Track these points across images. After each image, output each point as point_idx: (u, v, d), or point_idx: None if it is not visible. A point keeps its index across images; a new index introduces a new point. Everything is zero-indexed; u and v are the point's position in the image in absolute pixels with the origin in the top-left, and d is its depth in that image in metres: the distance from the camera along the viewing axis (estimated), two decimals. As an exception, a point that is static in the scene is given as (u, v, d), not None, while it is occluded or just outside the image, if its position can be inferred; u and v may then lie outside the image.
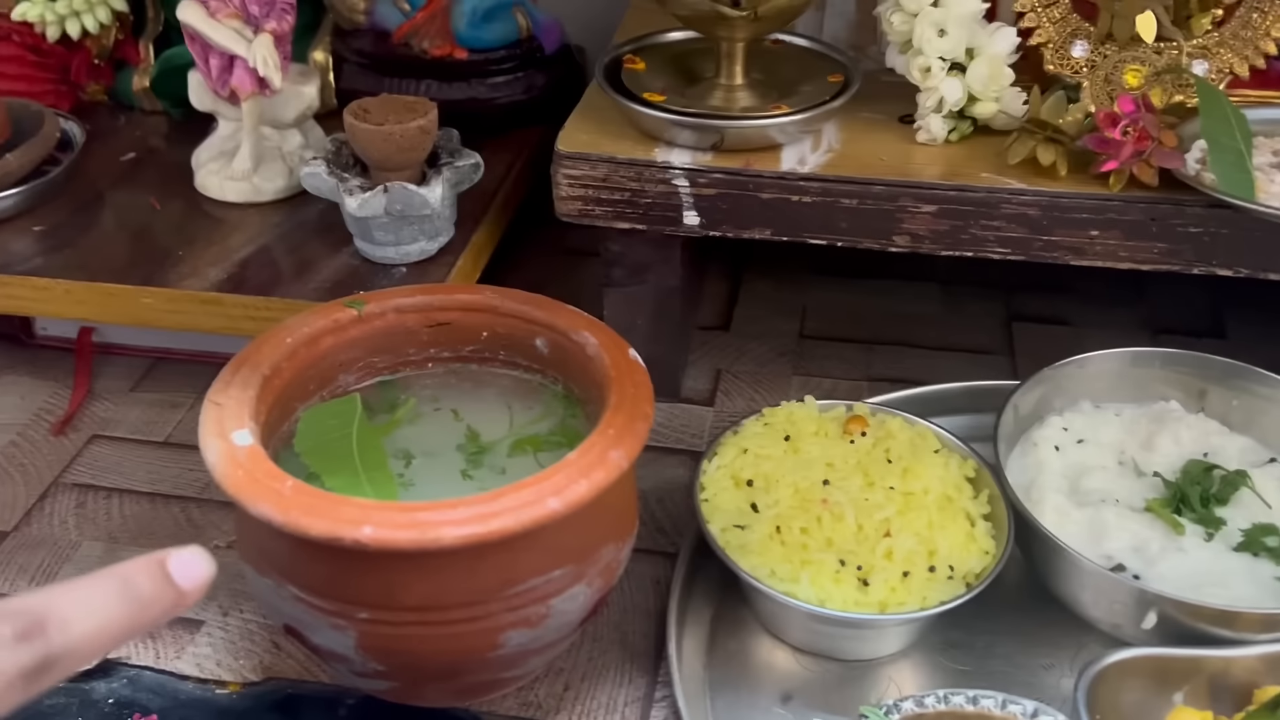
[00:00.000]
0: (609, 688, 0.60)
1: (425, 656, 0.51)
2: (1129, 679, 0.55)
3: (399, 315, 0.62)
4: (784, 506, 0.60)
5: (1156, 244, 0.62)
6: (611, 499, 0.53)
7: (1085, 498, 0.63)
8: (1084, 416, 0.68)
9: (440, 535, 0.47)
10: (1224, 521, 0.61)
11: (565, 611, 0.53)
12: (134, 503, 0.71)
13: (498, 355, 0.63)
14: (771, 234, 0.66)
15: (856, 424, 0.65)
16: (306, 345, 0.59)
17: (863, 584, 0.57)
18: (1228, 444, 0.66)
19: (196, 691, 0.60)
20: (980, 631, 0.61)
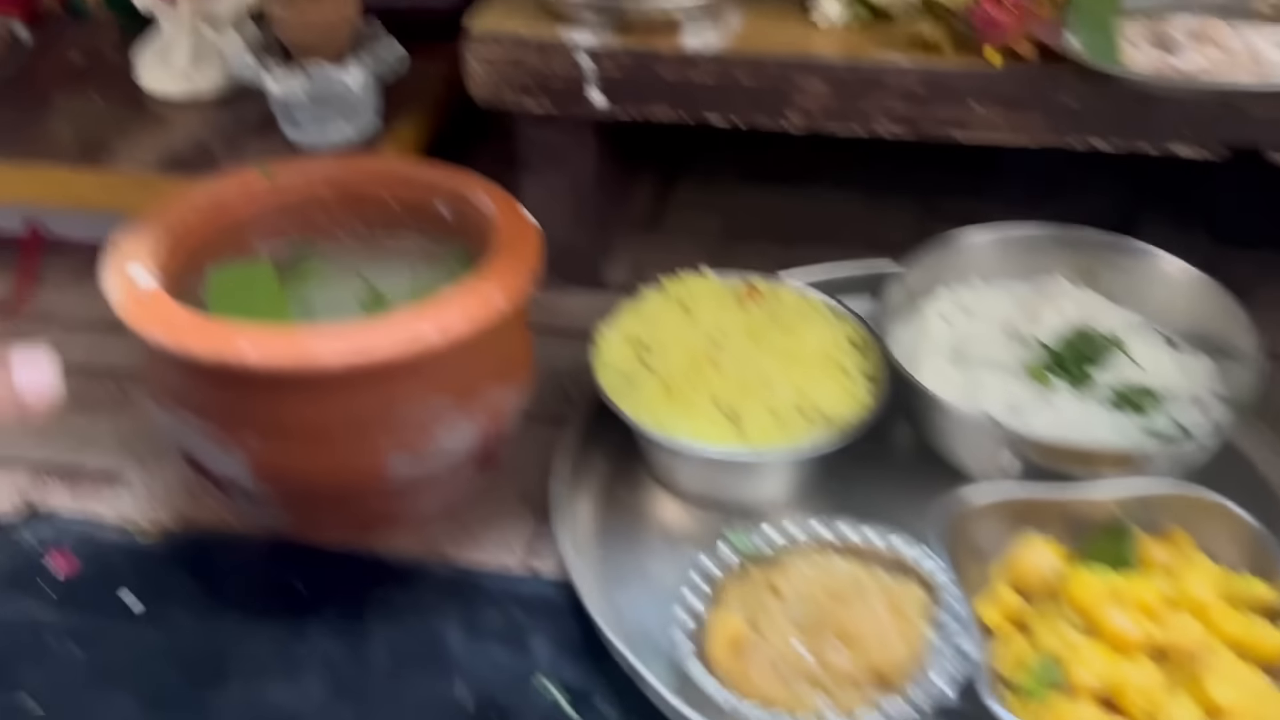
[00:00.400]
0: (504, 530, 0.63)
1: (315, 480, 0.55)
2: (986, 517, 0.58)
3: (310, 184, 0.65)
4: (673, 365, 0.63)
5: (1035, 115, 0.65)
6: (494, 340, 0.56)
7: (966, 362, 0.66)
8: (974, 291, 0.71)
9: (319, 357, 0.51)
10: (1095, 381, 0.64)
11: (450, 443, 0.56)
12: (70, 379, 0.75)
13: (405, 223, 0.66)
14: (671, 111, 0.69)
15: (750, 293, 0.68)
16: (217, 206, 0.62)
17: (737, 427, 0.60)
18: (1109, 314, 0.69)
19: (115, 537, 0.63)
20: (860, 483, 0.65)
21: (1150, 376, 0.64)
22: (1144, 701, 0.48)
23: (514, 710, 0.54)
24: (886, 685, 0.49)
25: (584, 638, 0.57)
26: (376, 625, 0.58)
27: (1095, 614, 0.51)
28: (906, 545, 0.55)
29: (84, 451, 0.69)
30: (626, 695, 0.54)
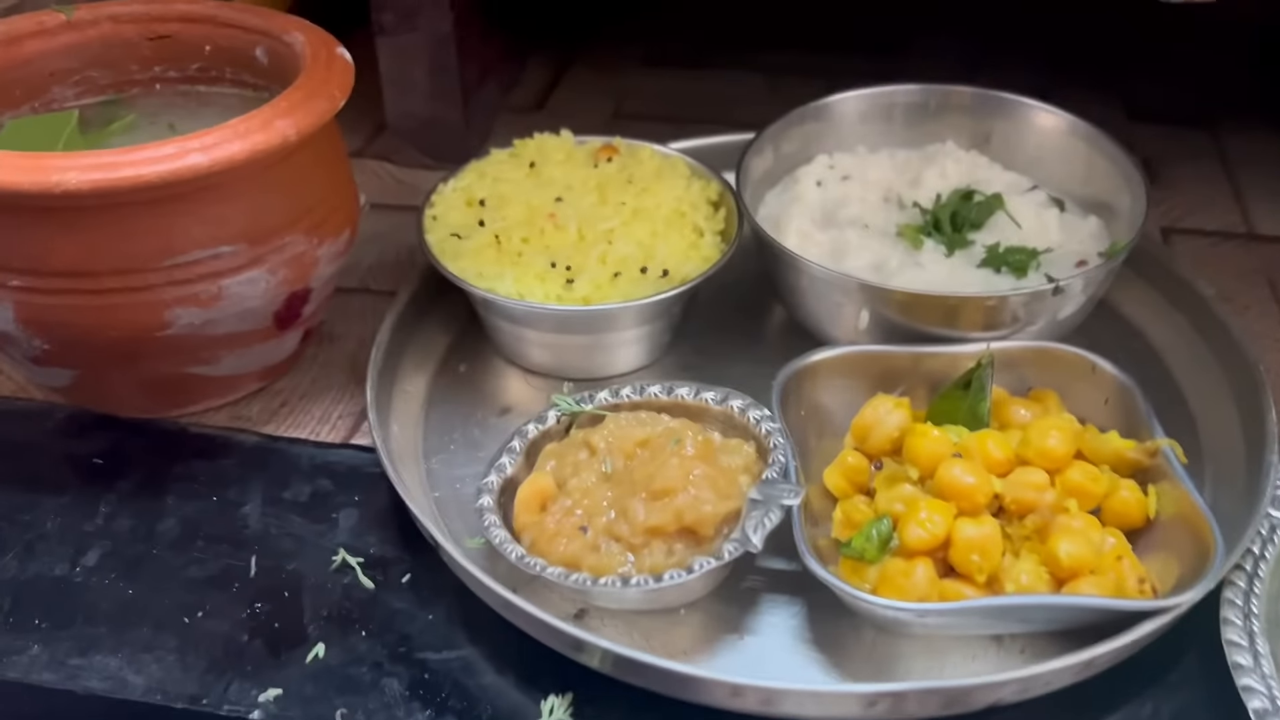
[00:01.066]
0: (325, 404, 0.58)
1: (88, 331, 0.49)
2: (838, 377, 0.53)
3: (115, 25, 0.59)
4: (509, 221, 0.58)
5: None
6: (289, 179, 0.51)
7: (835, 225, 0.61)
8: (855, 157, 0.65)
9: (65, 179, 0.45)
10: (972, 242, 0.59)
11: (243, 296, 0.51)
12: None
13: (224, 73, 0.60)
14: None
15: (606, 151, 0.62)
16: (6, 44, 0.56)
17: (569, 283, 0.54)
18: (995, 177, 0.63)
19: (-98, 406, 0.59)
20: (718, 356, 0.60)
21: (1032, 237, 0.59)
22: (981, 558, 0.44)
23: (306, 583, 0.49)
24: (698, 541, 0.44)
25: (393, 511, 0.52)
26: (173, 499, 0.53)
27: (934, 467, 0.46)
28: (744, 405, 0.50)
29: None
30: (430, 567, 0.49)
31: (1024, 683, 0.42)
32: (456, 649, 0.46)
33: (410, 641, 0.47)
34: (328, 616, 0.48)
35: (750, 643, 0.46)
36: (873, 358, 0.53)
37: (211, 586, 0.49)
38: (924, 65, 0.86)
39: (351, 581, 0.49)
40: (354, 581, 0.49)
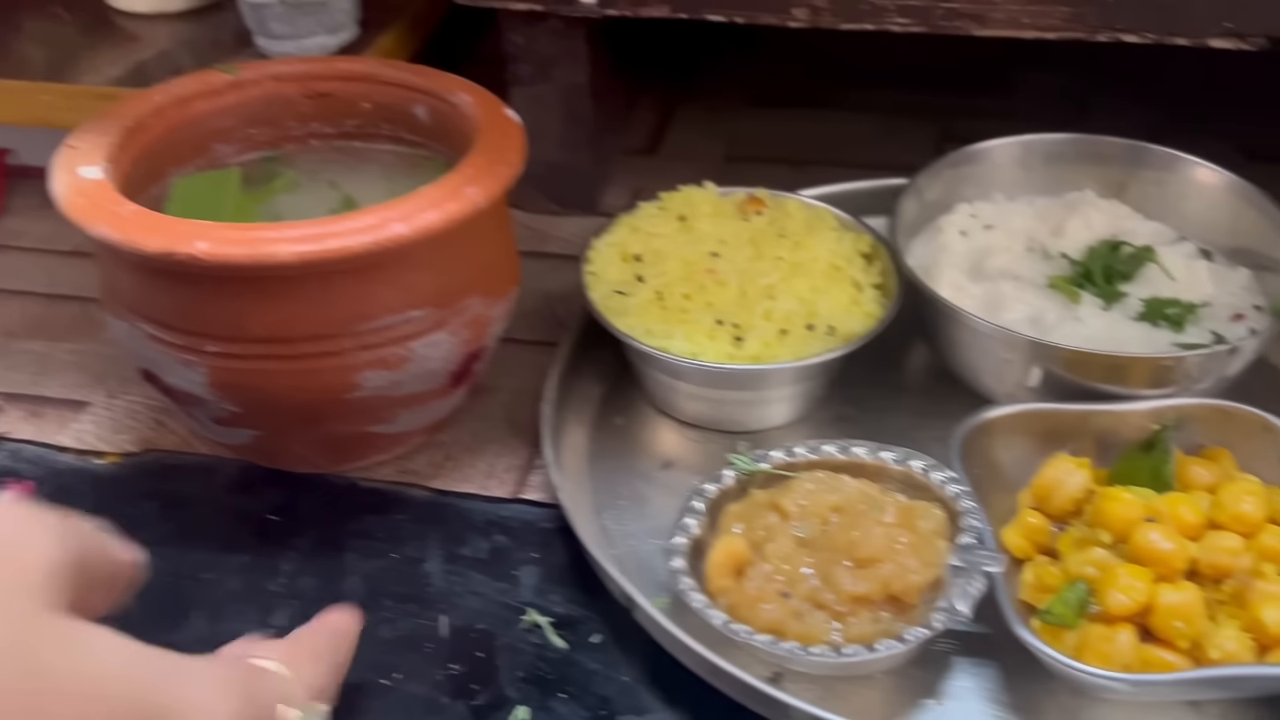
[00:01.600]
0: (490, 457, 0.59)
1: (279, 395, 0.50)
2: (1010, 435, 0.54)
3: (276, 83, 0.60)
4: (669, 277, 0.58)
5: (1059, 7, 0.60)
6: (471, 243, 0.52)
7: (985, 276, 0.61)
8: (995, 206, 0.66)
9: (275, 251, 0.46)
10: (1125, 294, 0.59)
11: (427, 358, 0.52)
12: (33, 303, 0.71)
13: (380, 129, 0.61)
14: (669, 8, 0.64)
15: (754, 204, 0.63)
16: (176, 105, 0.58)
17: (737, 340, 0.55)
18: (1139, 227, 0.64)
19: (74, 462, 0.59)
20: (872, 408, 0.60)
21: (1185, 289, 0.60)
22: (1184, 624, 0.44)
23: (498, 643, 0.50)
24: (902, 609, 0.45)
25: (573, 567, 0.53)
26: (352, 556, 0.54)
27: (1130, 533, 0.46)
28: (925, 466, 0.51)
29: (44, 377, 0.65)
30: (618, 625, 0.50)
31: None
32: (655, 712, 0.47)
33: (610, 704, 0.47)
34: (524, 678, 0.48)
35: (948, 707, 0.46)
36: (1043, 415, 0.53)
37: (404, 647, 0.50)
38: (1034, 102, 0.87)
39: (543, 641, 0.50)
40: (545, 641, 0.50)
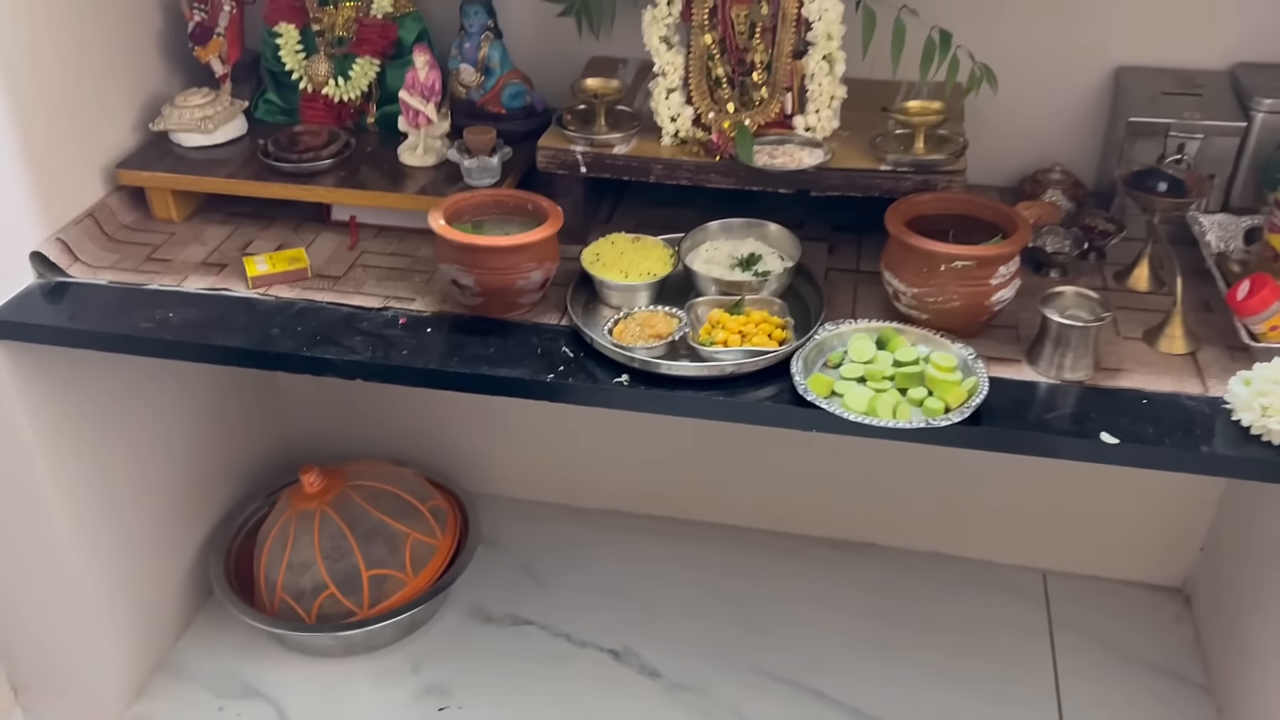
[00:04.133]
0: (551, 309, 1.83)
1: (499, 286, 1.76)
2: (704, 305, 1.79)
3: (484, 196, 1.87)
4: (606, 258, 1.84)
5: (730, 176, 1.87)
6: (547, 243, 1.78)
7: (710, 263, 1.87)
8: (719, 243, 1.92)
9: (497, 242, 1.72)
10: (750, 268, 1.86)
11: (535, 277, 1.77)
12: (390, 269, 1.96)
13: (515, 211, 1.88)
14: (610, 175, 1.92)
15: (636, 239, 1.89)
16: (454, 204, 1.84)
17: (624, 275, 1.81)
18: (766, 249, 1.90)
19: (416, 315, 1.84)
20: (670, 298, 1.86)
21: (768, 266, 1.85)
22: (734, 338, 1.69)
23: (553, 358, 1.75)
24: (661, 338, 1.70)
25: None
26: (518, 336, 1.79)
27: (724, 323, 1.71)
28: (673, 310, 1.76)
29: (399, 290, 1.90)
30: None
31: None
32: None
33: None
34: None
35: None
36: (713, 299, 1.79)
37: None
38: (781, 209, 2.15)
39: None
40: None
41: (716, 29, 1.87)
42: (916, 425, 1.56)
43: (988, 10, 2.05)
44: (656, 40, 1.88)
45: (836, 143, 1.90)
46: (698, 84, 1.91)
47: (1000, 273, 1.67)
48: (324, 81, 2.14)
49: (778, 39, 1.85)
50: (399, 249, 2.02)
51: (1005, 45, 2.05)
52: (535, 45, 2.27)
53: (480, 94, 2.12)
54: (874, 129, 1.93)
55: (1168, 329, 1.72)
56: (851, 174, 1.84)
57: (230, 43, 2.20)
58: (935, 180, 1.81)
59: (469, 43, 2.10)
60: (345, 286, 1.91)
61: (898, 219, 1.73)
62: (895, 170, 1.82)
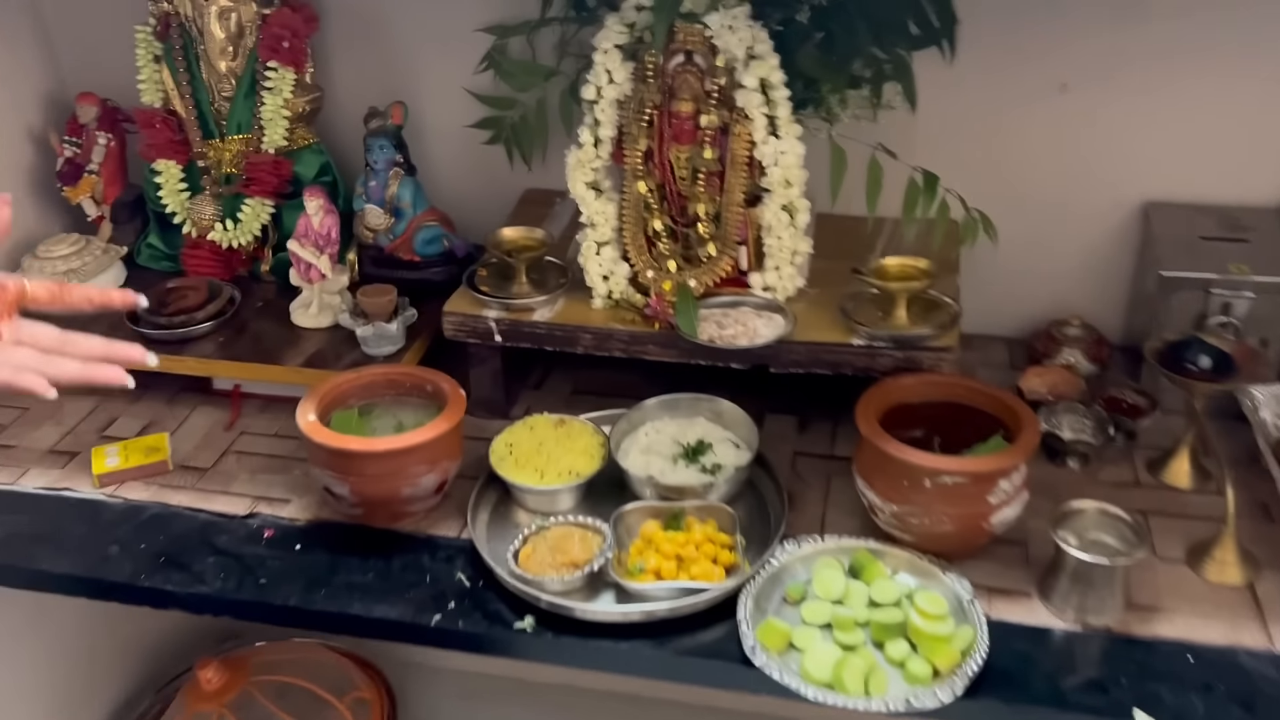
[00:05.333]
0: (447, 518, 1.50)
1: (376, 496, 1.43)
2: (638, 514, 1.45)
3: (373, 376, 1.55)
4: (520, 452, 1.51)
5: (672, 350, 1.54)
6: (444, 442, 1.45)
7: (650, 453, 1.54)
8: (662, 421, 1.59)
9: (377, 448, 1.40)
10: (700, 461, 1.51)
11: (426, 482, 1.44)
12: (261, 458, 1.64)
13: (412, 392, 1.55)
14: (530, 345, 1.59)
15: (561, 423, 1.56)
16: (334, 387, 1.52)
17: (541, 476, 1.48)
18: (715, 432, 1.56)
19: (302, 525, 1.51)
20: (596, 501, 1.52)
21: (719, 458, 1.51)
22: (668, 565, 1.34)
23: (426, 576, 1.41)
24: (577, 566, 1.36)
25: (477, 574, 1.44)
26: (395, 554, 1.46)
27: (659, 543, 1.37)
28: (597, 524, 1.42)
29: (272, 490, 1.58)
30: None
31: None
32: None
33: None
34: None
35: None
36: (649, 506, 1.45)
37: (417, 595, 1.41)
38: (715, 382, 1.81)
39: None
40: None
41: (653, 174, 1.55)
42: (893, 709, 1.20)
43: (985, 135, 1.72)
44: (583, 187, 1.56)
45: (802, 304, 1.57)
46: (633, 237, 1.58)
47: (1001, 489, 1.32)
48: (210, 225, 1.84)
49: (726, 185, 1.53)
50: (285, 427, 1.70)
51: (1010, 174, 1.72)
52: (463, 177, 1.96)
53: (389, 239, 1.81)
54: (849, 283, 1.60)
55: (1217, 551, 1.36)
56: (818, 348, 1.50)
57: (108, 180, 1.91)
58: (920, 358, 1.47)
59: (375, 180, 1.79)
60: (211, 483, 1.59)
61: (871, 413, 1.39)
62: (871, 346, 1.48)
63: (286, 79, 1.78)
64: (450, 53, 1.85)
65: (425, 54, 1.89)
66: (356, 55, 1.92)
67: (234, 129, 1.83)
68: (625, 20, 1.50)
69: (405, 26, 1.88)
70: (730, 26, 1.45)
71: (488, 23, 1.79)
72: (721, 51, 1.47)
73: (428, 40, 1.88)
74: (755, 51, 1.46)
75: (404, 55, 1.90)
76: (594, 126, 1.54)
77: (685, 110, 1.50)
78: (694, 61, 1.50)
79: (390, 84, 1.90)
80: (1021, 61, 1.67)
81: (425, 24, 1.87)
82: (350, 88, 1.93)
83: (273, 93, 1.78)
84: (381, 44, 1.90)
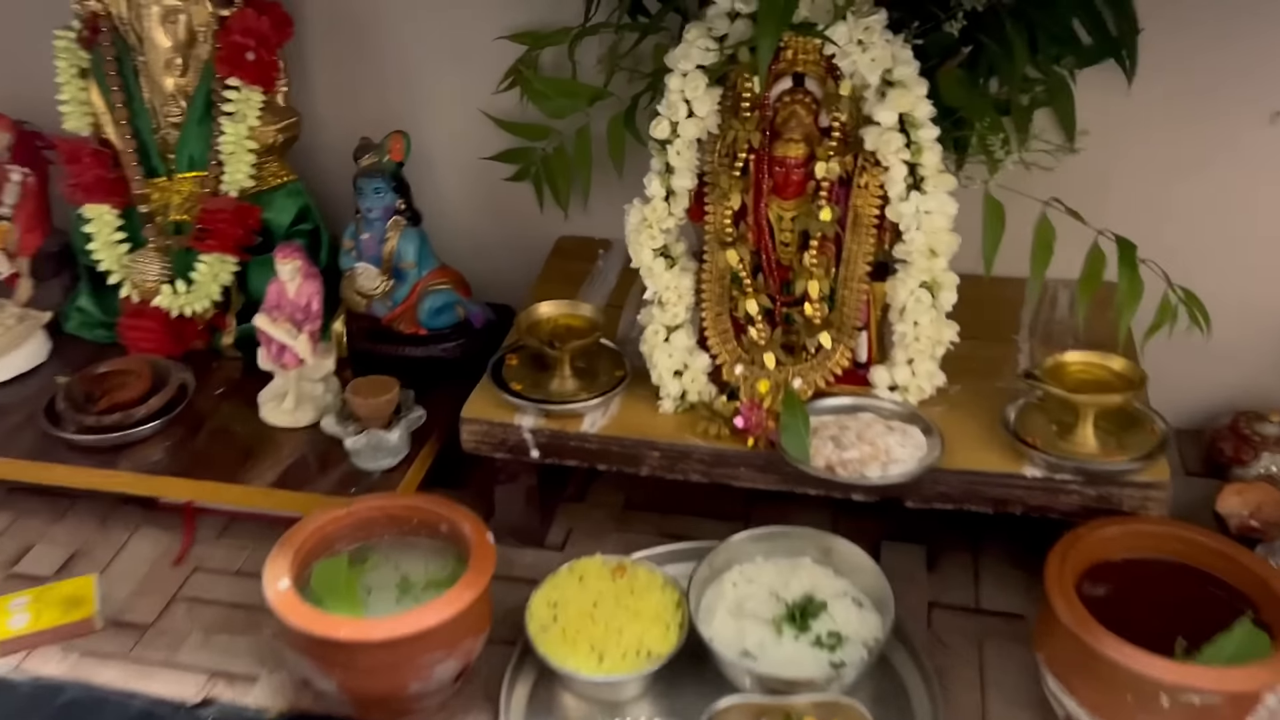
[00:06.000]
0: (475, 713, 1.11)
1: (371, 692, 1.03)
2: (735, 714, 1.06)
3: (369, 511, 1.15)
4: (568, 618, 1.12)
5: (773, 476, 1.15)
6: (467, 615, 1.05)
7: (741, 615, 1.14)
8: (755, 565, 1.19)
9: (373, 635, 1.00)
10: (810, 627, 1.12)
11: (441, 673, 1.05)
12: (220, 610, 1.24)
13: (421, 533, 1.16)
14: (578, 463, 1.20)
15: (619, 571, 1.17)
16: (317, 530, 1.12)
17: (599, 659, 1.08)
18: (830, 584, 1.17)
19: (254, 715, 1.12)
20: (679, 691, 1.12)
21: (839, 622, 1.12)
22: None
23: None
24: None
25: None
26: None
27: None
28: None
29: (233, 661, 1.18)
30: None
31: None
32: None
33: None
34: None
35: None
36: (750, 703, 1.06)
37: (428, 820, 1.02)
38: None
39: (495, 818, 1.02)
40: (497, 818, 1.01)
41: (746, 239, 1.16)
42: None
43: (1162, 175, 1.33)
44: (649, 254, 1.17)
45: (942, 408, 1.18)
46: (716, 320, 1.19)
47: (1266, 707, 0.93)
48: (155, 288, 1.43)
49: (846, 254, 1.14)
50: (250, 563, 1.30)
51: (1193, 223, 1.34)
52: (481, 223, 1.57)
53: (387, 307, 1.41)
54: (997, 374, 1.21)
55: None
56: (975, 480, 1.11)
57: (25, 226, 1.49)
58: (1118, 497, 1.08)
59: (369, 232, 1.38)
60: (152, 648, 1.19)
61: (1067, 584, 1.00)
62: (1051, 479, 1.09)
63: (252, 101, 1.37)
64: (465, 66, 1.45)
65: (433, 67, 1.49)
66: (345, 69, 1.51)
67: (185, 164, 1.42)
68: (713, 32, 1.10)
69: (407, 32, 1.48)
70: (861, 42, 1.05)
71: (513, 28, 1.39)
72: (846, 75, 1.08)
73: (436, 50, 1.47)
74: (895, 76, 1.06)
75: (406, 69, 1.50)
76: (665, 174, 1.14)
77: (794, 154, 1.10)
78: (807, 88, 1.10)
79: (388, 106, 1.50)
80: (1216, 83, 1.28)
81: (433, 29, 1.47)
82: (336, 110, 1.53)
83: (234, 119, 1.37)
84: (376, 55, 1.50)
